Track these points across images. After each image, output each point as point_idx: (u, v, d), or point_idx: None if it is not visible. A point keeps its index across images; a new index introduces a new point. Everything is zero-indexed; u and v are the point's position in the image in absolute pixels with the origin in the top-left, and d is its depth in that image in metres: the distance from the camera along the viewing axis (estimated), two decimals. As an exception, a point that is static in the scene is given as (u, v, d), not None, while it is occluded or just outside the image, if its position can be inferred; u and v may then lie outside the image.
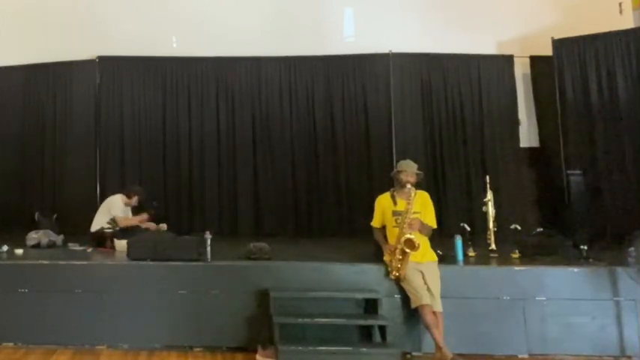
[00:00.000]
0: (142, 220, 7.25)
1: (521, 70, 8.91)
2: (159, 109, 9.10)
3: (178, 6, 9.18)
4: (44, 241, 7.08)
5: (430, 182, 8.10)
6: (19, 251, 6.53)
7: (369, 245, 5.97)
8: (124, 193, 7.42)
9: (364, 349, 5.15)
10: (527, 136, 8.83)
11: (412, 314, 5.29)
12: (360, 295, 5.44)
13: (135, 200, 7.36)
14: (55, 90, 9.16)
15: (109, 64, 9.13)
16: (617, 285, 5.34)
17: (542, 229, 7.06)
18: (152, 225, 7.26)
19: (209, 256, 5.79)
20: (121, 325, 5.59)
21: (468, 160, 8.72)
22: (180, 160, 8.98)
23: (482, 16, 8.86)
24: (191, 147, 9.00)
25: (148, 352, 5.43)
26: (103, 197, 7.81)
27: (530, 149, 8.82)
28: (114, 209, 7.21)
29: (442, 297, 5.21)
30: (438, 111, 8.86)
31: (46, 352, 5.41)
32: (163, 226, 7.26)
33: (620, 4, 8.35)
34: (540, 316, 5.39)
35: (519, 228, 6.36)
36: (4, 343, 5.59)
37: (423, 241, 5.31)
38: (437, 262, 5.42)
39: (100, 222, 7.19)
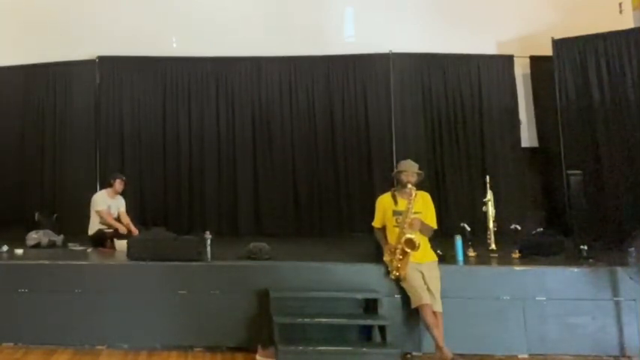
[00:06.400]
0: (122, 229, 7.09)
1: (521, 70, 8.92)
2: (159, 109, 9.10)
3: (178, 6, 9.17)
4: (44, 241, 7.09)
5: (430, 182, 8.08)
6: (19, 251, 6.53)
7: (369, 245, 5.98)
8: (105, 187, 7.48)
9: (364, 349, 5.16)
10: (527, 136, 8.84)
11: (412, 314, 5.29)
12: (360, 295, 5.44)
13: (118, 184, 7.32)
14: (55, 90, 9.15)
15: (109, 64, 9.12)
16: (617, 285, 5.34)
17: (542, 229, 7.05)
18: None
19: (209, 256, 5.79)
20: (121, 325, 5.58)
21: (468, 160, 8.73)
22: (180, 160, 8.98)
23: (483, 16, 8.87)
24: (191, 147, 9.00)
25: (147, 352, 5.43)
26: (103, 197, 7.81)
27: (530, 149, 8.84)
28: (95, 206, 7.22)
29: (442, 297, 5.21)
30: (438, 111, 8.87)
31: (46, 352, 5.40)
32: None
33: (620, 4, 8.35)
34: (540, 316, 5.39)
35: (519, 228, 6.37)
36: (4, 343, 5.58)
37: (424, 242, 5.31)
38: (437, 263, 5.43)
39: (93, 224, 7.20)
